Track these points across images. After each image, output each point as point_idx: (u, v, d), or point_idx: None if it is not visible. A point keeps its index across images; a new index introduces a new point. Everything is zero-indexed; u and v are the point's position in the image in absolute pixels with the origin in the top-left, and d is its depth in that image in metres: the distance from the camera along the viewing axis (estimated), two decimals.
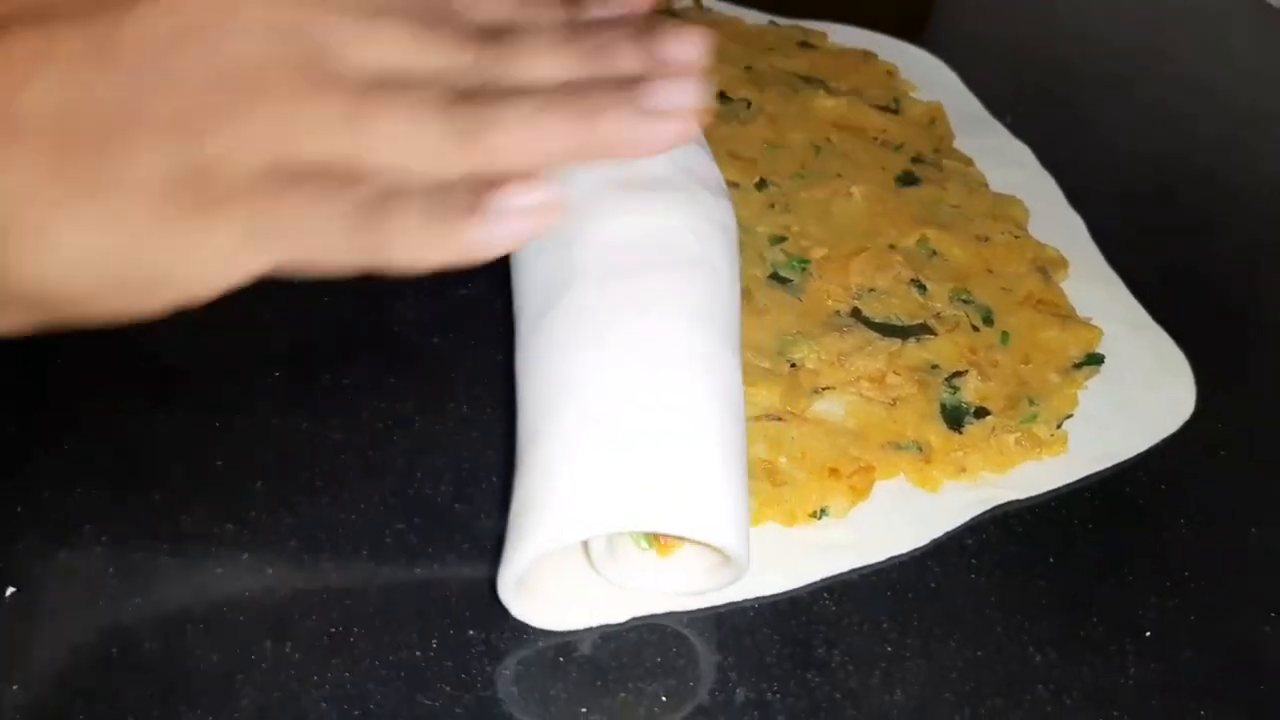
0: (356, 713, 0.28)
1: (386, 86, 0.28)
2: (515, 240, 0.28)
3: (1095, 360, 0.40)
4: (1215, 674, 0.32)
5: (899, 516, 0.35)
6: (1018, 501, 0.36)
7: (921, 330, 0.40)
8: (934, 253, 0.44)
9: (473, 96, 0.29)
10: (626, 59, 0.30)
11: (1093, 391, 0.39)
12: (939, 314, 0.41)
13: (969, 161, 0.50)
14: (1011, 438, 0.37)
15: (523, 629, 0.30)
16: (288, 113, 0.27)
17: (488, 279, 0.36)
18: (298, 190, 0.27)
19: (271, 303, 0.34)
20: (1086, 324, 0.41)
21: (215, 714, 0.28)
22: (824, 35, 0.58)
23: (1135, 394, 0.40)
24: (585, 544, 0.31)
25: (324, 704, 0.28)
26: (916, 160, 0.49)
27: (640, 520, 0.28)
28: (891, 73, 0.56)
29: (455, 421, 0.36)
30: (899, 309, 0.41)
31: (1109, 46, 0.63)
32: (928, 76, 0.56)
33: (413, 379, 0.37)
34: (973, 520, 0.35)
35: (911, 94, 0.55)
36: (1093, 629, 0.32)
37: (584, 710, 0.29)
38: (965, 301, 0.42)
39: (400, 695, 0.29)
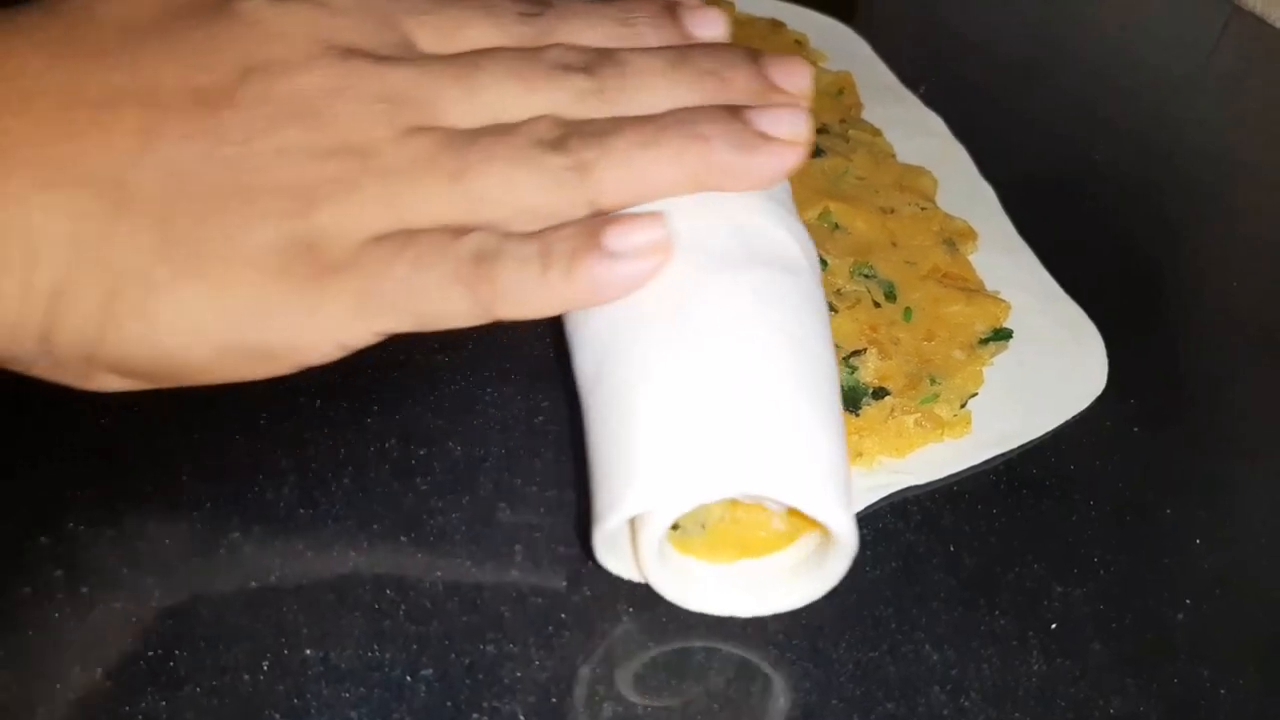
0: None
1: (491, 135, 0.28)
2: (633, 281, 0.27)
3: (1003, 335, 0.38)
4: (1124, 666, 0.30)
5: None
6: (917, 487, 0.33)
7: None
8: (836, 226, 0.41)
9: (579, 129, 0.28)
10: (742, 84, 0.30)
11: (999, 368, 0.37)
12: (839, 290, 0.39)
13: (877, 132, 0.48)
14: (911, 419, 0.34)
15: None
16: (395, 182, 0.27)
17: None
18: (405, 254, 0.27)
19: None
20: (994, 297, 0.39)
21: None
22: (731, 4, 0.55)
23: (1044, 370, 0.37)
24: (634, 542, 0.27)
25: None
26: (822, 131, 0.46)
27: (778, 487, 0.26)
28: (801, 42, 0.53)
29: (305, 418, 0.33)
30: None
31: (1032, 16, 0.61)
32: (839, 46, 0.54)
33: None
34: (868, 509, 0.32)
35: (821, 64, 0.52)
36: (994, 622, 0.30)
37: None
38: (867, 276, 0.39)
39: None
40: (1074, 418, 0.36)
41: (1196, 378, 0.39)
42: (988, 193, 0.45)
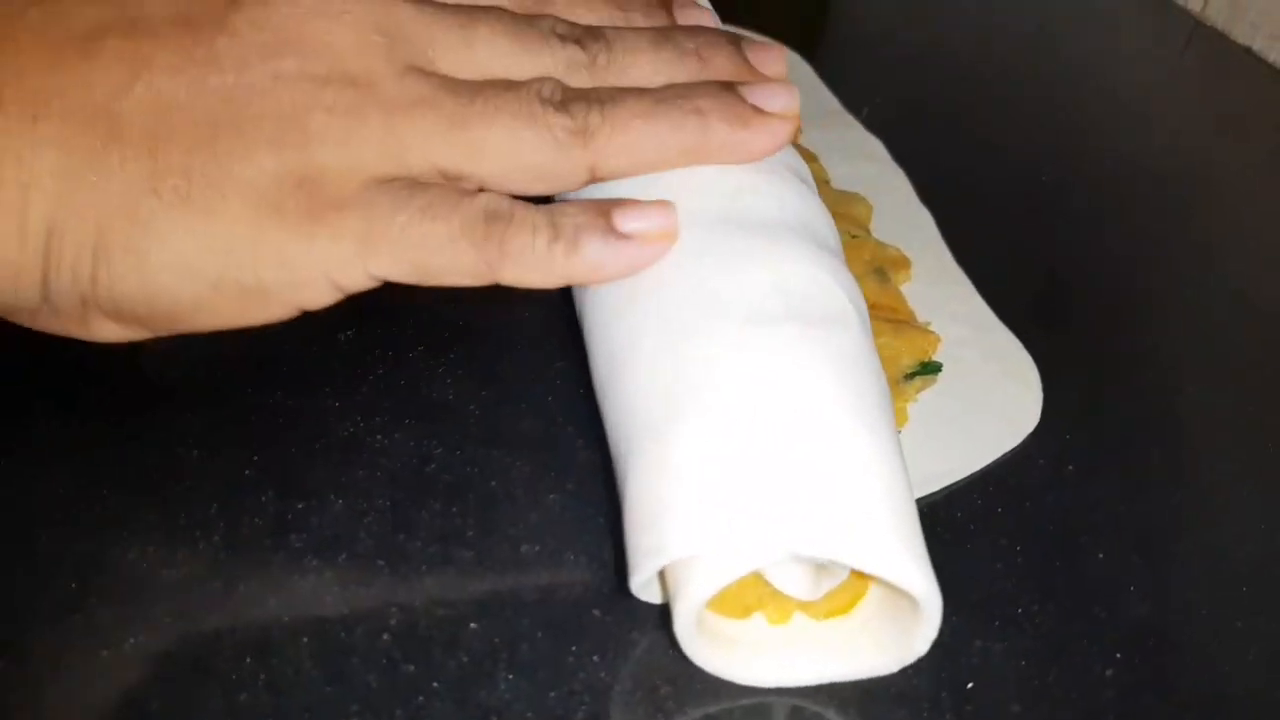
0: None
1: (494, 88, 0.28)
2: (634, 266, 0.27)
3: (931, 369, 0.36)
4: None
5: None
6: None
7: None
8: None
9: (582, 94, 0.28)
10: (722, 63, 0.30)
11: (926, 403, 0.35)
12: None
13: (813, 157, 0.46)
14: None
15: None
16: (396, 118, 0.27)
17: None
18: (414, 201, 0.26)
19: None
20: (923, 329, 0.37)
21: None
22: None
23: (975, 405, 0.35)
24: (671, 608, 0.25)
25: None
26: None
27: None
28: None
29: None
30: None
31: (987, 36, 0.60)
32: None
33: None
34: None
35: None
36: (905, 681, 0.28)
37: None
38: None
39: None
40: (1004, 455, 0.34)
41: (1137, 414, 0.36)
42: (925, 219, 0.43)
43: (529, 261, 0.27)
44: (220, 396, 0.33)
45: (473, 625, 0.28)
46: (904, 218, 0.43)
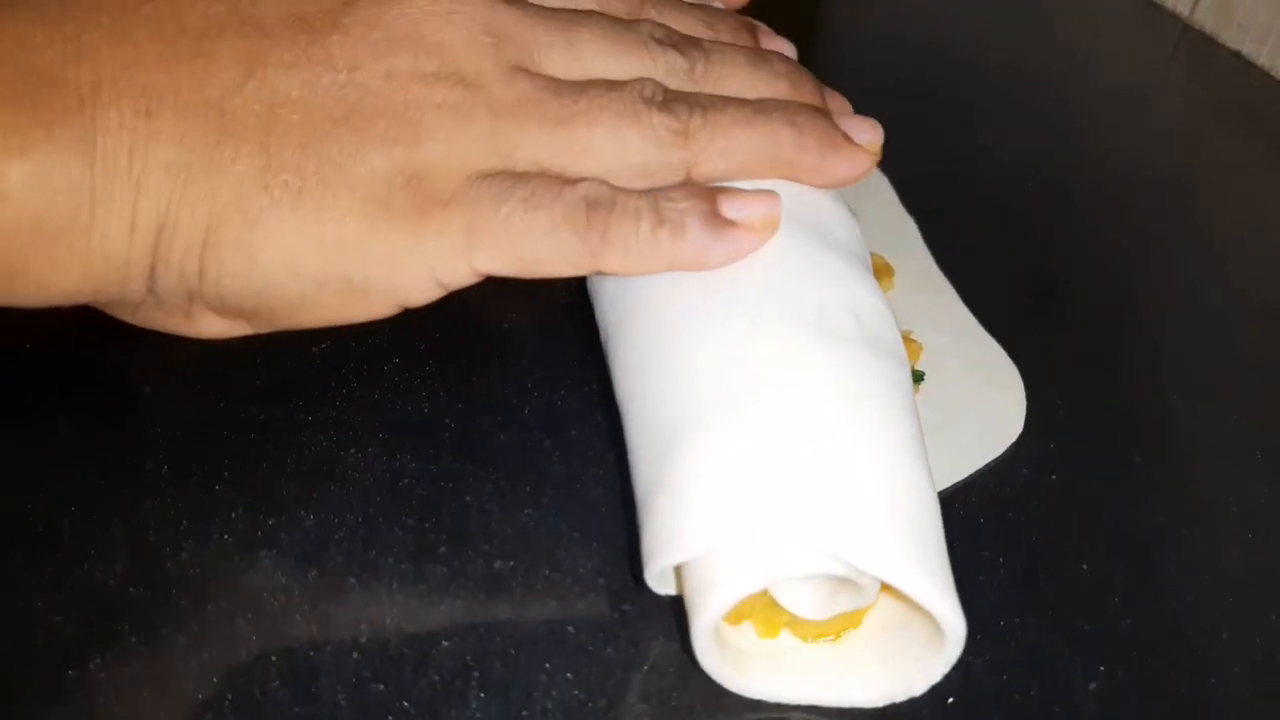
0: None
1: (598, 88, 0.28)
2: (737, 253, 0.28)
3: (913, 378, 0.35)
4: None
5: None
6: None
7: None
8: None
9: (683, 96, 0.29)
10: (810, 91, 0.32)
11: None
12: None
13: None
14: None
15: None
16: (504, 118, 0.27)
17: None
18: (516, 192, 0.27)
19: None
20: (906, 338, 0.37)
21: None
22: None
23: (958, 414, 0.35)
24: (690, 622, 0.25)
25: None
26: None
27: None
28: None
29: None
30: None
31: (973, 40, 0.59)
32: None
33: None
34: None
35: None
36: None
37: None
38: None
39: None
40: (987, 465, 0.34)
41: (1122, 422, 0.36)
42: (909, 226, 0.43)
43: (632, 248, 0.27)
44: (190, 410, 0.32)
45: (444, 643, 0.27)
46: (887, 224, 0.43)
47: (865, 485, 0.25)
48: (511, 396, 0.34)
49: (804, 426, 0.25)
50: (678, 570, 0.26)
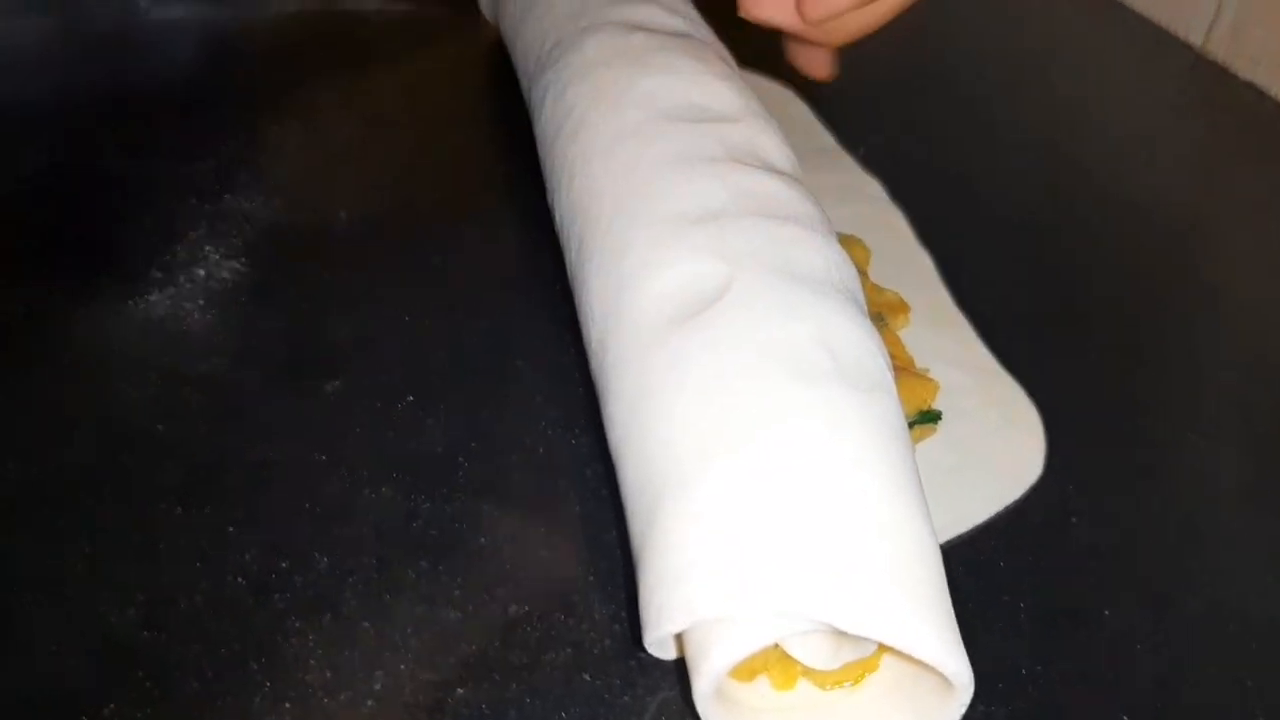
0: None
1: None
2: None
3: (929, 418, 0.35)
4: None
5: None
6: None
7: None
8: None
9: None
10: None
11: (924, 454, 0.34)
12: None
13: (856, 242, 0.45)
14: None
15: None
16: None
17: None
18: None
19: None
20: (922, 376, 0.36)
21: None
22: None
23: (976, 456, 0.35)
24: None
25: None
26: None
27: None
28: None
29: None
30: None
31: (986, 71, 0.59)
32: (775, 109, 0.52)
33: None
34: None
35: None
36: None
37: None
38: None
39: None
40: (1005, 509, 0.33)
41: (1144, 464, 0.36)
42: (925, 261, 0.43)
43: None
44: (203, 451, 0.32)
45: (459, 691, 0.27)
46: (903, 260, 0.43)
47: (844, 541, 0.24)
48: (526, 435, 0.34)
49: (777, 484, 0.25)
50: (677, 635, 0.26)
